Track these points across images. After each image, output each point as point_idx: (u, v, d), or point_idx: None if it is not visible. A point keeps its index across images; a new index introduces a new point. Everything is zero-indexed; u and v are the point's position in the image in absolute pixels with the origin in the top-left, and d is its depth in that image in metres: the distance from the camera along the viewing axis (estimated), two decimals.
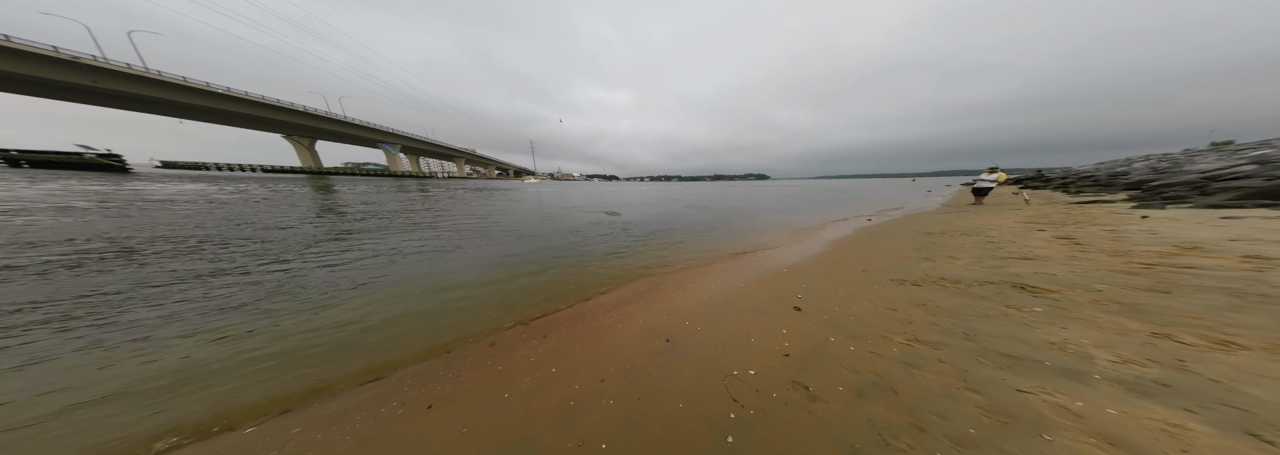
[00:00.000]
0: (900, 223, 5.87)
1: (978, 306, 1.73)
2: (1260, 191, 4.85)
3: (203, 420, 1.24)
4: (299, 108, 57.67)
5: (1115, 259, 2.36)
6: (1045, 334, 1.37)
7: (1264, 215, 3.59)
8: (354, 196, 11.68)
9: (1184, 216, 3.92)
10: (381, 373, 1.54)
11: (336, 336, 1.88)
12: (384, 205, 8.76)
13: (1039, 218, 4.74)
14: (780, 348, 1.48)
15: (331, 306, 2.30)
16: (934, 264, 2.70)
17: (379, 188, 19.09)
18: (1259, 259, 2.10)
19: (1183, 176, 7.39)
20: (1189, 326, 1.33)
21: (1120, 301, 1.63)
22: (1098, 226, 3.66)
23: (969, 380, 1.10)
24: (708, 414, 1.09)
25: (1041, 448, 0.79)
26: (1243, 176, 6.10)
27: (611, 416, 1.13)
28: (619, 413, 1.14)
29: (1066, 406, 0.93)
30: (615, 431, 1.05)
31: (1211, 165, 8.39)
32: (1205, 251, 2.35)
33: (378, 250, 3.90)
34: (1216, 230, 2.99)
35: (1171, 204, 5.40)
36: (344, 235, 4.69)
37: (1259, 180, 5.44)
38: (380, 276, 2.98)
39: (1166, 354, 1.15)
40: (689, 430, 1.03)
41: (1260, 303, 1.48)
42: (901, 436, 0.90)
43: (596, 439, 1.03)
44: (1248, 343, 1.18)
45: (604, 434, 1.05)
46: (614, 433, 1.05)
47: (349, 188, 17.79)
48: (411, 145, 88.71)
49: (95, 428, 1.20)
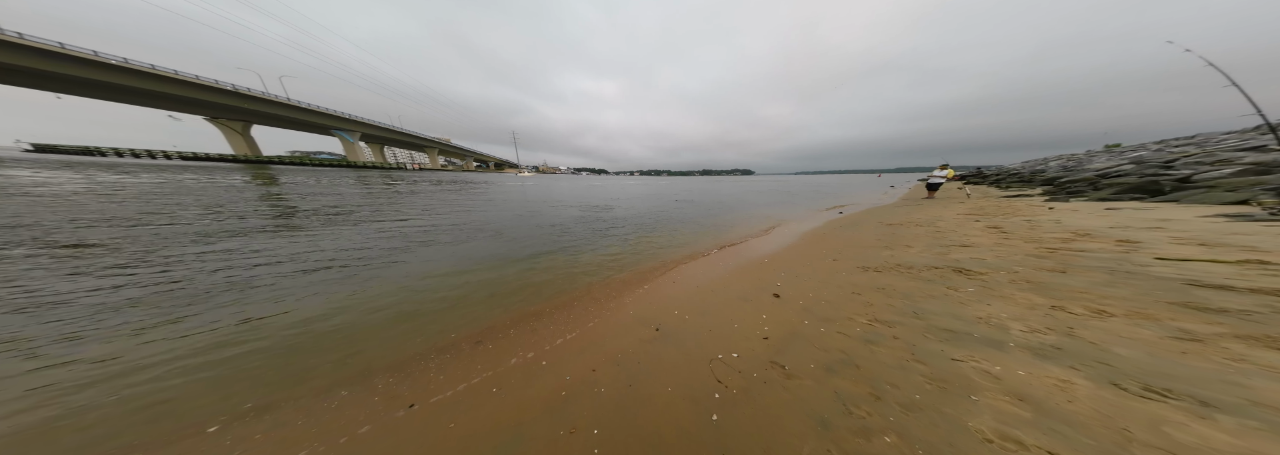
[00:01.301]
0: (866, 215, 6.42)
1: (925, 289, 1.98)
2: (1135, 186, 5.91)
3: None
4: (225, 86, 48.51)
5: (1030, 245, 2.79)
6: (975, 310, 1.60)
7: (1136, 206, 4.41)
8: (288, 189, 10.40)
9: (1081, 208, 4.69)
10: (351, 376, 1.45)
11: (283, 339, 1.74)
12: (321, 200, 7.80)
13: (976, 210, 5.42)
14: (761, 332, 1.60)
15: (280, 308, 2.10)
16: (892, 252, 3.01)
17: (332, 179, 17.07)
18: (1128, 242, 2.59)
19: (1083, 174, 8.78)
20: (1077, 300, 1.63)
21: (1031, 281, 1.94)
22: (1019, 217, 4.27)
23: (916, 353, 1.28)
24: (695, 395, 1.17)
25: (970, 407, 0.96)
26: (1124, 174, 7.39)
27: (603, 403, 1.17)
28: (610, 399, 1.19)
29: (988, 371, 1.11)
30: (607, 416, 1.10)
31: (1103, 164, 10.04)
32: (1092, 237, 2.86)
33: (316, 248, 3.55)
34: (1102, 219, 3.64)
35: (1073, 197, 6.43)
36: (240, 233, 4.14)
37: (1134, 177, 6.61)
38: (342, 275, 2.74)
39: (1060, 323, 1.40)
40: (677, 411, 1.10)
41: (1126, 278, 1.84)
42: (862, 405, 1.03)
43: (588, 425, 1.06)
44: (1115, 311, 1.47)
45: (596, 419, 1.09)
46: (606, 418, 1.09)
47: (296, 178, 15.71)
48: (374, 133, 78.95)
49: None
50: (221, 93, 48.66)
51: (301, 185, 12.06)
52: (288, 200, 7.63)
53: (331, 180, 16.35)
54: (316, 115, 62.61)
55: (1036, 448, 0.78)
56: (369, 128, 75.09)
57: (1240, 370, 1.00)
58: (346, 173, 31.88)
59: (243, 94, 50.66)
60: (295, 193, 9.42)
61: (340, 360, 1.57)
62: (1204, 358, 1.08)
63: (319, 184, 12.97)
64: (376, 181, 17.21)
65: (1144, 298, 1.58)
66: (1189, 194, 4.79)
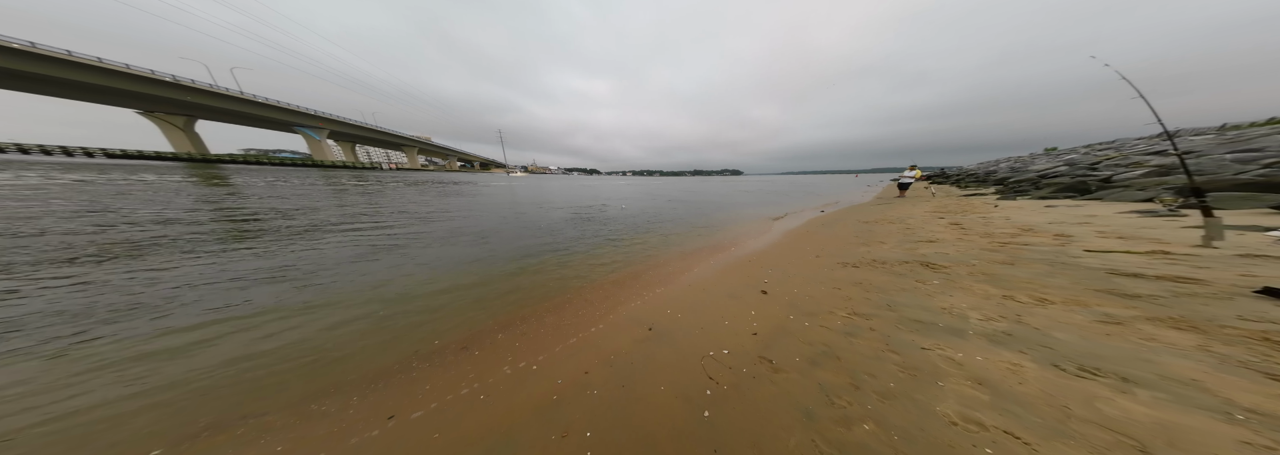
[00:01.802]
0: (844, 213, 6.78)
1: (897, 282, 2.13)
2: (1068, 186, 6.67)
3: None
4: (162, 76, 43.23)
5: (985, 240, 3.07)
6: (940, 301, 1.75)
7: (1069, 204, 4.97)
8: (230, 190, 9.53)
9: (1026, 205, 5.23)
10: (323, 390, 1.36)
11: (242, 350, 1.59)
12: (262, 203, 7.11)
13: (940, 208, 5.89)
14: (750, 328, 1.65)
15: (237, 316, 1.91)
16: (868, 248, 3.20)
17: (291, 180, 15.70)
18: (1063, 236, 2.92)
19: (1027, 175, 9.79)
20: (1023, 289, 1.82)
21: (986, 273, 2.14)
22: (975, 214, 4.70)
23: (891, 343, 1.37)
24: (687, 393, 1.19)
25: (937, 392, 1.04)
26: (1059, 175, 8.32)
27: (596, 405, 1.17)
28: (603, 401, 1.19)
29: (952, 358, 1.22)
30: (600, 418, 1.10)
31: (1043, 166, 11.25)
32: (1035, 232, 3.19)
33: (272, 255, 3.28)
34: (1042, 215, 4.07)
35: (1020, 196, 7.15)
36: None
37: (1067, 178, 7.47)
38: (292, 286, 2.54)
39: (1010, 311, 1.56)
40: (670, 410, 1.11)
41: (1062, 269, 2.08)
42: (843, 395, 1.09)
43: (581, 428, 1.06)
44: (1054, 298, 1.66)
45: (588, 422, 1.08)
46: (598, 420, 1.09)
47: (247, 179, 14.31)
48: (345, 131, 73.18)
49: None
50: (157, 84, 43.38)
51: (248, 187, 10.99)
52: (223, 202, 6.92)
53: (290, 180, 15.02)
54: (275, 110, 57.25)
55: (995, 428, 0.87)
56: (338, 125, 69.48)
57: (1151, 348, 1.16)
58: (312, 173, 29.48)
59: (183, 86, 45.38)
60: (238, 195, 8.58)
61: (308, 375, 1.45)
62: (1124, 338, 1.24)
63: (271, 186, 11.86)
64: (343, 182, 16.03)
65: (1076, 286, 1.79)
66: (1110, 192, 5.47)
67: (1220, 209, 3.47)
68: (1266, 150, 5.95)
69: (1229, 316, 1.33)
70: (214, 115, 58.04)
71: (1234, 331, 1.22)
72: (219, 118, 60.59)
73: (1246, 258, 2.02)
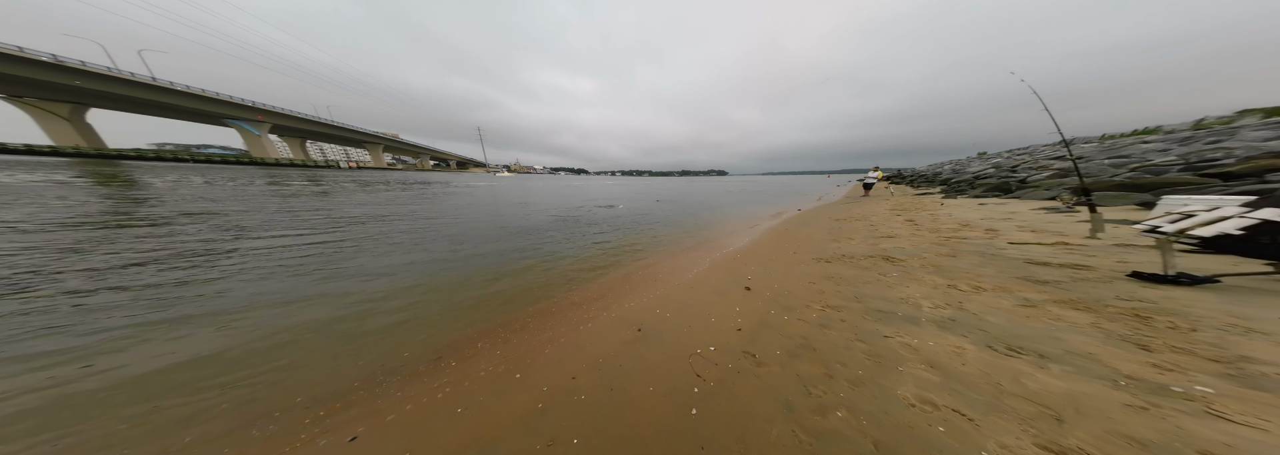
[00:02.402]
0: (818, 212, 7.28)
1: (863, 275, 2.33)
2: (995, 186, 7.71)
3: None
4: (38, 56, 35.68)
5: (933, 235, 3.46)
6: (898, 292, 1.94)
7: (996, 202, 5.75)
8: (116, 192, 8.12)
9: (964, 203, 5.96)
10: (264, 414, 1.21)
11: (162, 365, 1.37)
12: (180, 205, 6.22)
13: (898, 206, 6.54)
14: (735, 324, 1.71)
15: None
16: (839, 244, 3.46)
17: (213, 179, 13.65)
18: (992, 231, 3.38)
19: (965, 176, 11.18)
20: (963, 278, 2.07)
21: (934, 264, 2.42)
22: (925, 211, 5.27)
23: (859, 333, 1.50)
24: (676, 392, 1.21)
25: (898, 377, 1.15)
26: (988, 177, 9.60)
27: (583, 411, 1.15)
28: (591, 406, 1.17)
29: (909, 344, 1.36)
30: (587, 424, 1.08)
31: (976, 169, 12.93)
32: (971, 227, 3.66)
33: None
34: (976, 212, 4.67)
35: (959, 195, 8.14)
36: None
37: (994, 179, 8.65)
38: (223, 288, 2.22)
39: (953, 299, 1.77)
40: (659, 410, 1.13)
41: (992, 259, 2.40)
42: (818, 385, 1.17)
43: (568, 435, 1.04)
44: (986, 286, 1.91)
45: (576, 429, 1.07)
46: (586, 426, 1.08)
47: (152, 178, 12.20)
48: (291, 125, 64.34)
49: None
50: (28, 64, 35.47)
51: (143, 188, 9.34)
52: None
53: (212, 180, 13.03)
54: (195, 100, 49.00)
55: (945, 407, 0.98)
56: (283, 118, 60.77)
57: (1058, 327, 1.38)
58: (248, 172, 25.78)
59: (67, 68, 37.48)
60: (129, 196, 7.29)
61: (244, 399, 1.27)
62: (1038, 319, 1.46)
63: (174, 187, 10.21)
64: (288, 182, 14.18)
65: (1002, 274, 2.08)
66: (1026, 192, 6.42)
67: (1102, 206, 4.21)
68: (1132, 157, 7.33)
69: (1111, 297, 1.62)
70: (113, 104, 48.68)
71: (1114, 309, 1.49)
72: (121, 107, 50.98)
73: (1121, 247, 2.47)
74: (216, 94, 50.09)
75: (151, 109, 52.66)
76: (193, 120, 57.69)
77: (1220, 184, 4.14)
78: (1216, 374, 1.01)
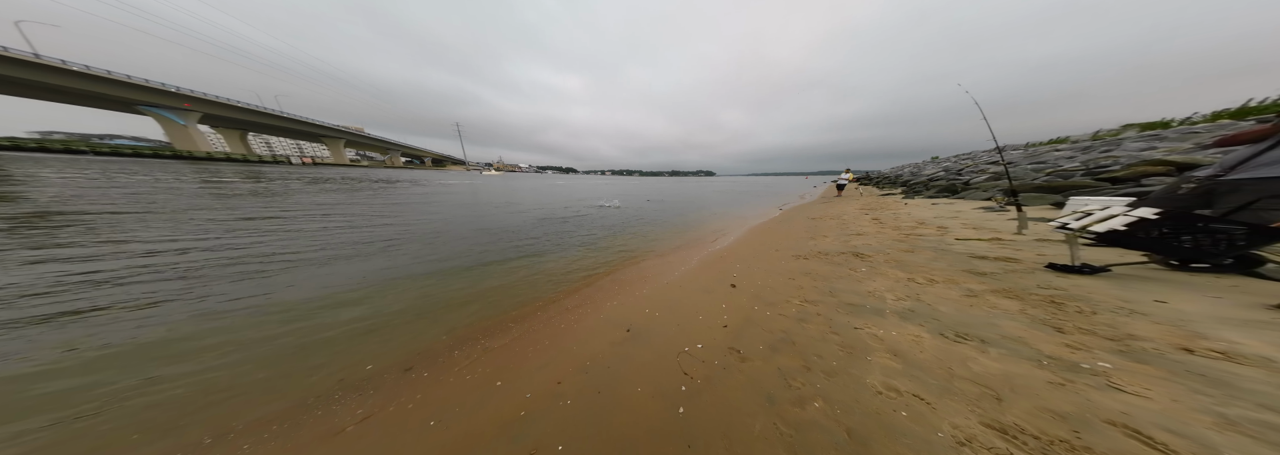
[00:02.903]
0: (797, 211, 7.70)
1: (836, 271, 2.48)
2: (945, 188, 8.60)
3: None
4: None
5: (895, 232, 3.78)
6: (867, 286, 2.10)
7: (946, 202, 6.43)
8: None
9: (921, 203, 6.59)
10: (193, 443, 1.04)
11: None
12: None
13: (866, 205, 7.08)
14: (721, 321, 1.75)
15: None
16: (815, 242, 3.67)
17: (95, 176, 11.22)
18: (943, 228, 3.76)
19: (921, 178, 12.36)
20: (920, 272, 2.29)
21: (896, 259, 2.64)
22: (889, 211, 5.75)
23: (833, 326, 1.60)
24: (664, 391, 1.21)
25: (866, 366, 1.25)
26: (939, 179, 10.71)
27: (568, 417, 1.12)
28: (577, 411, 1.14)
29: (876, 334, 1.47)
30: (573, 430, 1.06)
31: (931, 171, 14.35)
32: (926, 225, 4.05)
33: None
34: (930, 211, 5.18)
35: (917, 195, 9.00)
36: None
37: (944, 181, 9.66)
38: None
39: (912, 291, 1.95)
40: (647, 411, 1.12)
41: (943, 254, 2.68)
42: (797, 377, 1.23)
43: (552, 442, 1.01)
44: (939, 279, 2.13)
45: (561, 435, 1.04)
46: (572, 431, 1.05)
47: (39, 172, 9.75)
48: (228, 115, 53.85)
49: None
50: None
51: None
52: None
53: (108, 174, 10.72)
54: (95, 82, 38.77)
55: (907, 393, 1.08)
56: (218, 107, 50.48)
57: (994, 314, 1.57)
58: (167, 166, 21.45)
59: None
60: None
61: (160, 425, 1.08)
62: (979, 308, 1.66)
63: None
64: (221, 178, 11.97)
65: (951, 268, 2.33)
66: (969, 193, 7.24)
67: (1027, 205, 4.87)
68: (1048, 162, 8.52)
69: (1033, 286, 1.88)
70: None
71: (1036, 297, 1.73)
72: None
73: (1040, 241, 2.88)
74: (126, 76, 39.80)
75: (33, 91, 40.96)
76: (97, 106, 45.66)
77: (1110, 187, 4.95)
78: (1112, 350, 1.21)
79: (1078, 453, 0.81)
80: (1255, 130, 1.71)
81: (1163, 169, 4.89)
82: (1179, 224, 1.75)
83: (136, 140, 69.69)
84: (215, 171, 16.10)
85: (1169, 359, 1.13)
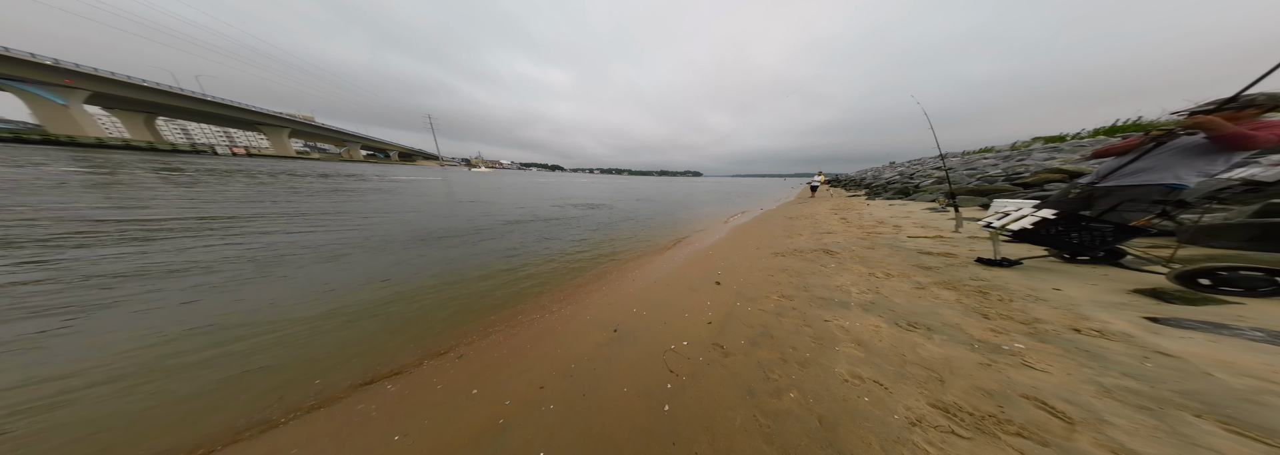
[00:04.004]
0: (776, 211, 8.11)
1: (809, 267, 2.66)
2: (900, 190, 9.55)
3: None
4: None
5: (859, 230, 4.13)
6: (835, 281, 2.27)
7: (900, 203, 7.16)
8: None
9: (880, 204, 7.27)
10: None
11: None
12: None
13: (836, 206, 7.63)
14: (705, 317, 1.80)
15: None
16: (791, 240, 3.89)
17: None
18: (897, 226, 4.18)
19: (881, 181, 13.62)
20: (879, 267, 2.53)
21: (859, 256, 2.90)
22: (854, 211, 6.26)
23: (806, 319, 1.71)
24: (649, 390, 1.22)
25: (835, 356, 1.36)
26: (894, 182, 11.88)
27: (551, 422, 1.09)
28: (560, 416, 1.12)
29: (843, 326, 1.61)
30: (556, 436, 1.04)
31: (889, 175, 15.84)
32: (884, 224, 4.47)
33: None
34: (888, 211, 5.74)
35: (877, 197, 9.90)
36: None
37: (899, 185, 10.72)
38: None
39: (872, 285, 2.15)
40: (632, 410, 1.13)
41: (897, 250, 2.98)
42: (775, 370, 1.31)
43: (534, 448, 0.98)
44: (894, 272, 2.38)
45: (543, 442, 1.01)
46: (555, 437, 1.03)
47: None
48: (128, 95, 43.66)
49: None
50: None
51: None
52: None
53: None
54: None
55: (868, 379, 1.20)
56: (114, 86, 40.46)
57: (938, 304, 1.79)
58: (35, 155, 16.75)
59: None
60: None
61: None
62: (926, 299, 1.88)
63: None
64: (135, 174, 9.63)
65: (904, 263, 2.60)
66: (919, 195, 8.14)
67: (962, 206, 5.59)
68: (978, 169, 9.82)
69: (966, 278, 2.17)
70: None
71: (968, 288, 1.99)
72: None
73: (972, 238, 3.32)
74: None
75: None
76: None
77: (1023, 191, 5.83)
78: (1024, 333, 1.43)
79: (1002, 424, 0.95)
80: (1122, 144, 2.08)
81: (1059, 176, 5.84)
82: (1069, 223, 2.10)
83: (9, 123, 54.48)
84: (109, 162, 12.87)
85: (1063, 338, 1.36)
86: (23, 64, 34.28)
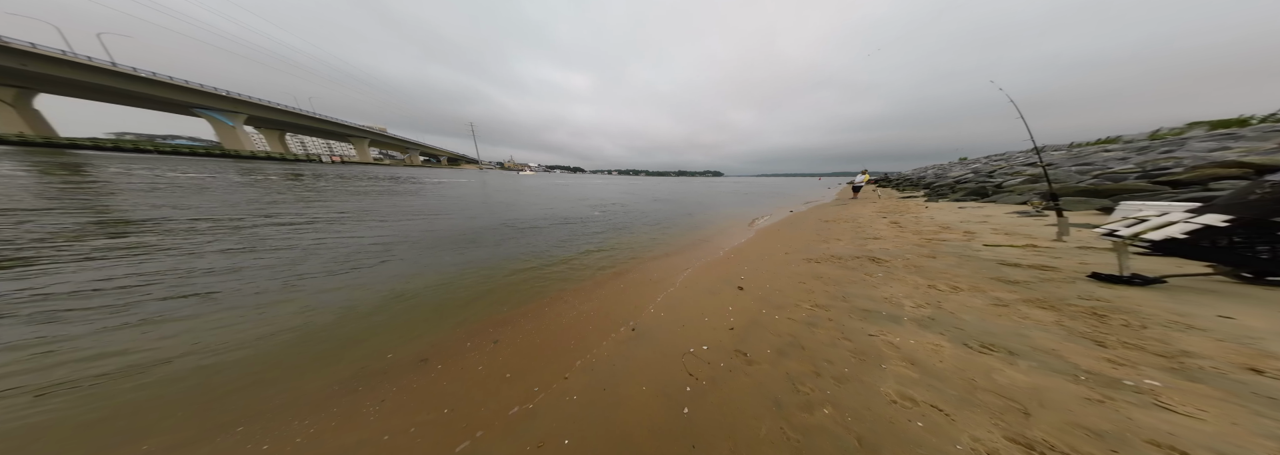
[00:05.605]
0: (809, 213, 7.49)
1: (850, 275, 2.40)
2: (973, 191, 8.07)
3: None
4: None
5: (915, 236, 3.60)
6: (882, 292, 2.01)
7: (974, 205, 6.04)
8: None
9: (945, 206, 6.23)
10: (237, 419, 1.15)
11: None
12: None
13: (884, 209, 6.77)
14: (727, 323, 1.75)
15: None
16: (827, 245, 3.57)
17: (160, 174, 12.86)
18: (969, 233, 3.54)
19: (946, 180, 11.67)
20: (941, 278, 2.17)
21: (916, 265, 2.52)
22: (909, 214, 5.47)
23: (844, 331, 1.55)
24: (668, 391, 1.23)
25: (880, 374, 1.20)
26: (967, 181, 10.06)
27: (574, 412, 1.15)
28: (582, 407, 1.17)
29: (892, 342, 1.42)
30: (579, 425, 1.09)
31: (957, 173, 13.51)
32: (950, 229, 3.82)
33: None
34: (955, 215, 4.89)
35: (940, 198, 8.49)
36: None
37: (973, 184, 9.06)
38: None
39: (932, 299, 1.86)
40: (651, 409, 1.14)
41: (968, 260, 2.52)
42: (806, 382, 1.21)
43: (558, 436, 1.04)
44: (963, 286, 2.01)
45: (566, 430, 1.07)
46: (577, 427, 1.08)
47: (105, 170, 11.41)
48: (268, 117, 61.42)
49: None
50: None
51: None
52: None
53: (158, 173, 12.30)
54: (161, 87, 46.14)
55: (924, 403, 1.03)
56: (259, 109, 57.88)
57: (1025, 325, 1.47)
58: (218, 165, 24.37)
59: (13, 49, 34.56)
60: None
61: (206, 401, 1.21)
62: (1008, 318, 1.55)
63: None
64: (266, 176, 13.45)
65: (977, 275, 2.19)
66: (1001, 196, 6.76)
67: (1068, 210, 4.50)
68: (1095, 164, 7.82)
69: (1073, 296, 1.74)
70: (66, 89, 45.12)
71: (1075, 308, 1.59)
72: (75, 92, 47.28)
73: (1083, 249, 2.65)
74: (185, 82, 47.55)
75: (110, 96, 49.23)
76: (159, 109, 54.06)
77: (1170, 191, 4.47)
78: (1162, 368, 1.10)
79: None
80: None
81: (1237, 171, 4.39)
82: (1254, 232, 1.57)
83: (192, 140, 78.70)
84: (259, 171, 17.84)
85: (1230, 379, 1.01)
86: (210, 96, 51.40)
